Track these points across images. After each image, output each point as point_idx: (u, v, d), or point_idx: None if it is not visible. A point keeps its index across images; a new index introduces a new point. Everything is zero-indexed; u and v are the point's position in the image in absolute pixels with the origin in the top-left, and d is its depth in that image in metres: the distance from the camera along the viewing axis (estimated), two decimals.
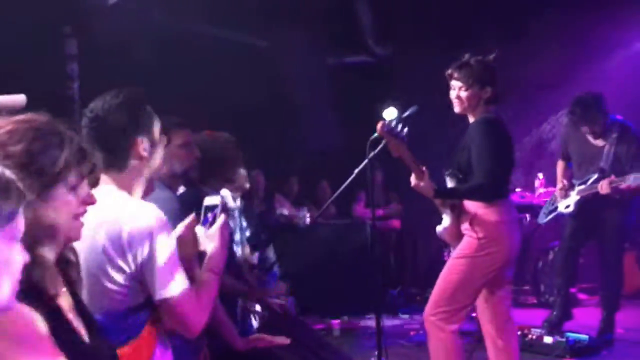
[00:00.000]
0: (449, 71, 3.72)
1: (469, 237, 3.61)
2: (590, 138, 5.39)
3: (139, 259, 2.01)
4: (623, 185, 5.00)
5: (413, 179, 3.57)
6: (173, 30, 6.32)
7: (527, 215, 7.13)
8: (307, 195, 7.14)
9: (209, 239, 2.21)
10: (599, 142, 5.35)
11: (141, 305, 2.06)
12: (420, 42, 7.01)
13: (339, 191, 4.29)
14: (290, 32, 7.52)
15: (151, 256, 2.01)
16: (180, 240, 2.18)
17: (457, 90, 3.68)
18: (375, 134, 3.69)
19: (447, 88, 3.76)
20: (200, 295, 2.10)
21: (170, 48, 6.12)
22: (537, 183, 7.11)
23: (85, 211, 1.72)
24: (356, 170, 4.00)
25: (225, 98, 6.76)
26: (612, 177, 5.06)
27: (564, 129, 5.71)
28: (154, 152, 2.18)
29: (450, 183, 3.71)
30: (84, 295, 1.82)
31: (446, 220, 3.75)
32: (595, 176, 5.26)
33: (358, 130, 3.55)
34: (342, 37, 7.72)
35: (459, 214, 3.68)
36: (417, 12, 7.21)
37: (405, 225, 7.10)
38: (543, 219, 5.84)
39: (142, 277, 2.03)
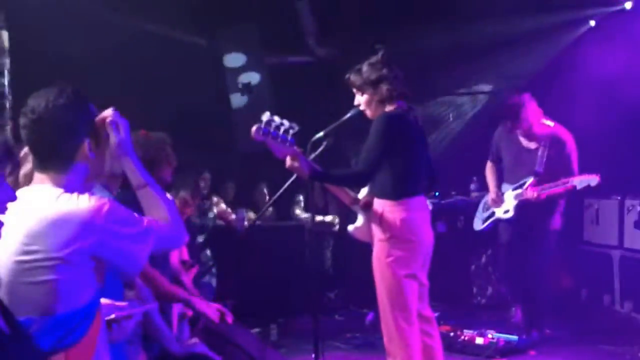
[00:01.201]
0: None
1: (379, 242, 3.63)
2: (523, 141, 5.49)
3: (99, 248, 1.96)
4: (550, 191, 5.19)
5: (288, 160, 3.49)
6: (110, 25, 6.18)
7: (462, 218, 7.25)
8: (245, 197, 7.08)
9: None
10: (532, 145, 5.44)
11: (78, 311, 1.96)
12: (360, 43, 7.05)
13: (277, 194, 4.27)
14: (230, 31, 7.46)
15: (113, 237, 1.99)
16: None
17: (357, 96, 3.75)
18: (317, 136, 3.70)
19: None
20: (162, 214, 2.15)
21: (107, 44, 5.98)
22: (472, 186, 7.24)
23: (6, 209, 1.70)
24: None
25: (162, 96, 6.66)
26: (538, 187, 5.24)
27: (497, 132, 5.74)
28: (99, 152, 2.12)
29: None
30: (7, 300, 1.75)
31: (359, 219, 3.78)
32: (531, 179, 5.35)
33: (298, 131, 3.53)
34: (283, 37, 7.69)
35: (370, 213, 3.70)
36: (358, 13, 7.26)
37: (343, 227, 7.12)
38: (479, 226, 5.91)
39: (108, 262, 2.01)
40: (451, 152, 8.63)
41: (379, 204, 3.64)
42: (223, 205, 6.43)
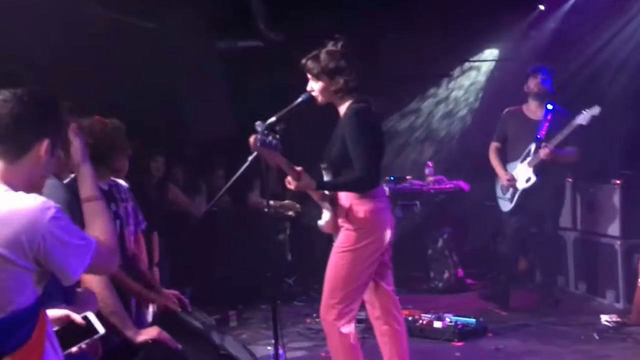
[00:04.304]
0: (302, 62, 3.71)
1: (347, 230, 3.62)
2: (531, 108, 6.00)
3: (41, 251, 1.90)
4: (560, 150, 5.76)
5: (293, 182, 3.52)
6: (58, 8, 5.98)
7: (417, 203, 7.26)
8: (202, 183, 6.98)
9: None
10: (536, 115, 5.94)
11: (31, 307, 1.93)
12: (312, 28, 6.99)
13: (232, 180, 4.21)
14: (178, 14, 7.28)
15: (56, 242, 1.92)
16: None
17: (310, 82, 3.70)
18: (269, 121, 3.63)
19: None
20: (103, 235, 2.09)
21: (54, 27, 5.78)
22: (426, 170, 7.27)
23: None
24: (250, 158, 3.92)
25: (110, 81, 6.48)
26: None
27: (505, 113, 6.21)
28: (53, 153, 2.07)
29: (326, 177, 3.71)
30: None
31: (326, 214, 3.76)
32: (534, 145, 5.84)
33: (252, 116, 3.48)
34: (233, 21, 7.56)
35: (337, 207, 3.69)
36: None
37: (301, 212, 7.10)
38: (508, 206, 6.09)
39: (47, 266, 1.92)
40: (407, 137, 8.70)
41: (345, 197, 3.62)
42: (177, 191, 6.33)
